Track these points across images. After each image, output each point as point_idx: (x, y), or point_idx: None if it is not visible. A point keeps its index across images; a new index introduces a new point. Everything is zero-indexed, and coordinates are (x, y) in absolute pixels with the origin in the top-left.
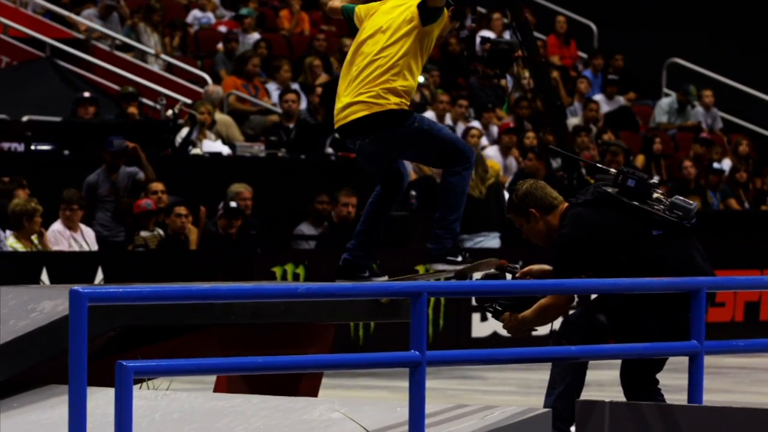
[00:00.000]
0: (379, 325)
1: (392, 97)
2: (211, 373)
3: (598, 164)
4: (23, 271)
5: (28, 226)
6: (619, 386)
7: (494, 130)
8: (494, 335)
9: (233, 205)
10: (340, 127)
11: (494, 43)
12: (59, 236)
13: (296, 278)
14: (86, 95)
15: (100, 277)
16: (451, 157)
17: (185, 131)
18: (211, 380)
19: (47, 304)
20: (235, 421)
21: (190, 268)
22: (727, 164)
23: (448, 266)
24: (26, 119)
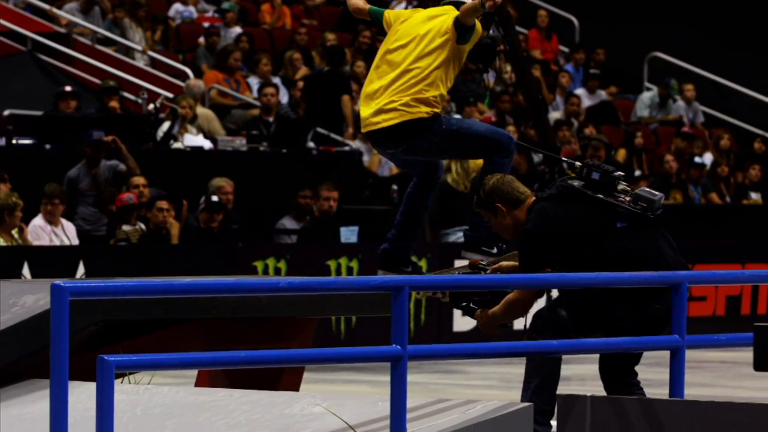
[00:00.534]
0: (360, 319)
1: (423, 107)
2: (192, 367)
3: (563, 159)
4: (4, 265)
5: (8, 220)
6: (600, 381)
7: None
8: (476, 330)
9: (215, 199)
10: (369, 132)
11: None
12: (40, 231)
13: (278, 272)
14: (67, 89)
15: (81, 271)
16: (490, 148)
17: (167, 125)
18: (192, 374)
19: (29, 298)
20: (216, 415)
21: (171, 262)
22: (708, 158)
23: (481, 256)
24: (7, 113)
